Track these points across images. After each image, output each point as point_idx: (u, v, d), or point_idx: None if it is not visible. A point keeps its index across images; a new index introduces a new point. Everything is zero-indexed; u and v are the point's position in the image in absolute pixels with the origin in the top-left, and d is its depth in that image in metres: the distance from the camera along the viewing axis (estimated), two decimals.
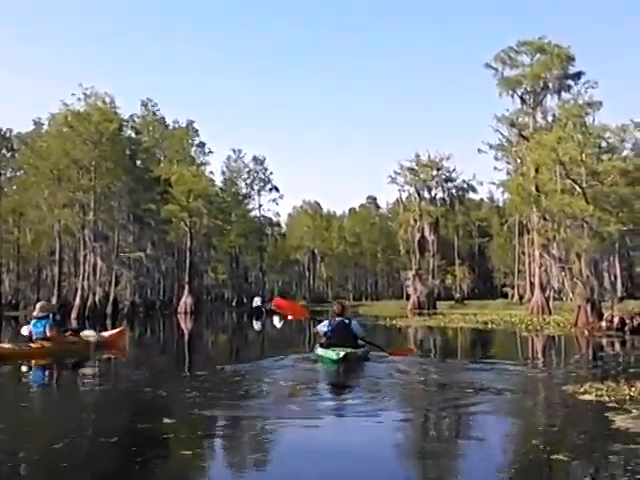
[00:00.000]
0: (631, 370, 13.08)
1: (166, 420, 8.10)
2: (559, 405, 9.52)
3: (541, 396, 10.27)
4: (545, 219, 32.70)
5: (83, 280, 50.49)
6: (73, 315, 47.16)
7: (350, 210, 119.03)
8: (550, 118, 40.80)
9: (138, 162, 59.27)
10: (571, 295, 27.19)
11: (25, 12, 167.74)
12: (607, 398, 9.28)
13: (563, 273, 27.52)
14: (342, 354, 13.53)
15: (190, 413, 8.62)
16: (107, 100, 52.81)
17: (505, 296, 77.52)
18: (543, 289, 39.49)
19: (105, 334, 20.29)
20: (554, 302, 39.68)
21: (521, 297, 59.75)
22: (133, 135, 60.26)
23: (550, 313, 37.55)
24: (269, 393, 10.61)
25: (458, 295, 73.68)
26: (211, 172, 76.37)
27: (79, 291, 50.22)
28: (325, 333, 14.71)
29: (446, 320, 34.75)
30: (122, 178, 52.73)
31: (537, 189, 35.38)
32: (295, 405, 9.23)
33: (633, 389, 9.88)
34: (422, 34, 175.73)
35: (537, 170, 35.72)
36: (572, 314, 27.41)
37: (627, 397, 9.35)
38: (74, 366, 15.46)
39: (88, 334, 18.88)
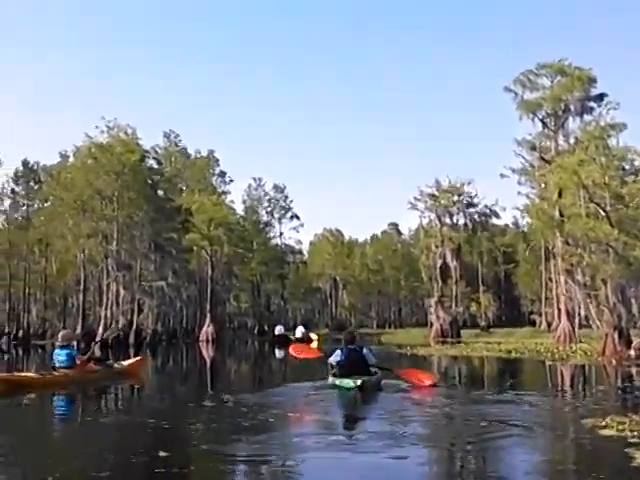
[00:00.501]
0: None
1: (162, 453, 7.82)
2: (578, 441, 9.01)
3: (560, 431, 9.74)
4: (569, 244, 32.12)
5: (106, 309, 50.66)
6: (97, 338, 46.98)
7: (372, 237, 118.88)
8: (572, 141, 40.14)
9: (160, 192, 59.58)
10: (597, 323, 26.49)
11: (55, 48, 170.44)
12: (629, 433, 8.78)
13: (589, 300, 26.84)
14: (359, 382, 13.59)
15: (190, 446, 8.48)
16: (129, 132, 53.82)
17: (533, 324, 76.50)
18: (569, 316, 38.65)
19: (125, 363, 20.34)
20: (582, 330, 38.92)
21: (549, 325, 58.66)
22: (155, 165, 60.53)
23: (578, 341, 36.73)
24: (280, 426, 10.19)
25: (483, 323, 72.89)
26: (231, 201, 77.10)
27: (102, 320, 50.23)
28: (338, 362, 14.69)
29: (468, 349, 34.09)
30: (144, 208, 52.90)
31: (561, 213, 34.90)
32: (308, 439, 8.82)
33: None
34: (440, 62, 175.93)
35: (560, 194, 35.23)
36: (599, 342, 26.69)
37: None
38: (94, 395, 15.51)
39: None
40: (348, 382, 13.82)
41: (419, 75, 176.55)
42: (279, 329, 62.10)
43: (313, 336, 59.70)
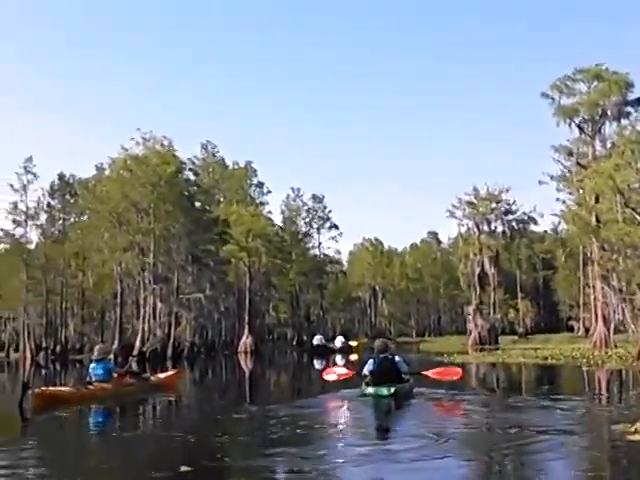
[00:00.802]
0: None
1: (184, 468, 7.75)
2: (606, 447, 8.95)
3: (590, 437, 9.63)
4: (604, 249, 31.71)
5: (143, 322, 50.78)
6: (135, 352, 47.47)
7: (411, 246, 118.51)
8: (609, 146, 39.64)
9: (197, 203, 59.87)
10: (633, 327, 26.13)
11: (94, 63, 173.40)
12: None
13: (624, 304, 26.48)
14: (393, 390, 13.77)
15: (215, 461, 8.29)
16: (165, 143, 53.84)
17: (571, 329, 75.70)
18: (605, 321, 38.08)
19: (162, 376, 20.46)
20: (618, 335, 38.42)
21: (587, 330, 57.91)
22: (191, 177, 60.95)
23: (613, 346, 36.25)
24: (312, 438, 10.03)
25: (521, 329, 72.22)
26: (269, 211, 77.23)
27: (139, 333, 50.44)
28: (371, 371, 14.78)
29: (505, 355, 33.93)
30: (180, 220, 52.97)
31: (597, 219, 34.49)
32: (341, 451, 8.78)
33: None
34: (480, 67, 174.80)
35: (597, 200, 34.83)
36: (635, 347, 26.33)
37: None
38: (129, 409, 15.61)
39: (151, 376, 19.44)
40: (381, 390, 13.95)
41: (465, 79, 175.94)
42: (318, 339, 62.26)
43: (352, 343, 59.77)
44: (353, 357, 38.18)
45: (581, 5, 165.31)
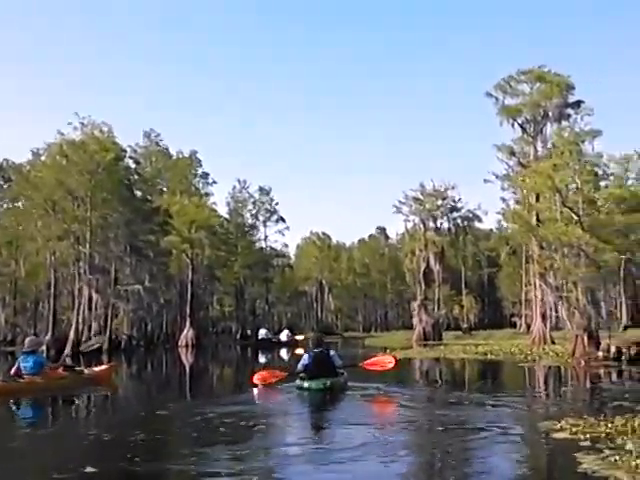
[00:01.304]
0: (617, 403, 12.57)
1: (89, 469, 7.47)
2: (531, 445, 9.09)
3: (515, 434, 9.69)
4: (543, 248, 32.28)
5: (78, 314, 49.55)
6: (67, 350, 46.24)
7: (359, 241, 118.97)
8: (550, 147, 40.28)
9: (137, 193, 59.07)
10: (569, 324, 26.67)
11: (29, 45, 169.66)
12: (581, 436, 8.83)
13: (560, 302, 27.01)
14: (328, 383, 14.22)
15: (125, 461, 7.97)
16: (104, 129, 52.51)
17: (514, 326, 76.75)
18: (543, 319, 38.92)
19: (96, 369, 20.16)
20: (559, 332, 39.23)
21: (528, 327, 58.88)
22: (132, 165, 60.04)
23: (552, 343, 37.02)
24: (242, 436, 9.76)
25: (465, 325, 72.99)
26: (214, 203, 76.47)
27: (74, 325, 49.01)
28: (306, 366, 15.04)
29: (447, 351, 34.29)
30: (119, 209, 52.03)
31: (538, 218, 35.12)
32: (271, 451, 8.70)
33: (611, 425, 9.40)
34: (425, 65, 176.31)
35: (538, 199, 35.44)
36: (571, 344, 26.85)
37: (603, 434, 8.89)
38: (59, 404, 15.37)
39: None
40: (317, 384, 14.32)
41: (412, 78, 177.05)
42: (263, 333, 62.27)
43: (298, 337, 59.83)
44: (299, 351, 38.35)
45: (527, 6, 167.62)
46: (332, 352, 15.55)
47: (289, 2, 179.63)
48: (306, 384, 14.54)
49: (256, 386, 16.00)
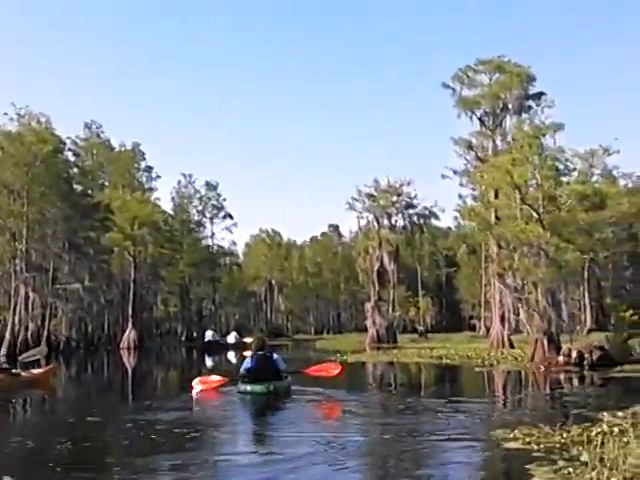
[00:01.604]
0: (576, 411, 12.56)
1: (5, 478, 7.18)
2: (481, 453, 8.99)
3: (465, 442, 9.59)
4: (501, 247, 32.40)
5: (15, 314, 48.64)
6: (3, 351, 45.50)
7: (311, 239, 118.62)
8: (510, 140, 40.27)
9: (77, 187, 58.17)
10: (528, 327, 26.76)
11: None
12: (534, 446, 8.69)
13: (519, 304, 27.08)
14: (272, 387, 14.38)
15: (47, 470, 7.73)
16: (42, 120, 51.54)
17: (473, 329, 77.33)
18: (502, 321, 39.12)
19: (34, 372, 20.16)
20: (518, 335, 39.50)
21: (488, 330, 59.41)
22: (72, 158, 59.11)
23: (511, 347, 37.21)
24: (185, 443, 9.53)
25: (421, 328, 73.18)
26: (158, 198, 75.60)
27: (9, 325, 48.27)
28: (248, 369, 15.11)
29: (400, 354, 34.39)
30: (57, 204, 51.12)
31: (497, 215, 35.26)
32: (210, 459, 8.41)
33: (566, 435, 9.30)
34: (381, 56, 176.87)
35: (497, 195, 35.56)
36: (530, 348, 26.96)
37: (557, 444, 8.76)
38: None
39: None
40: (259, 387, 14.44)
41: (361, 73, 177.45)
42: (210, 335, 61.74)
43: (247, 339, 59.50)
44: (247, 354, 38.11)
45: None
46: (276, 355, 15.73)
47: None
48: (249, 388, 14.65)
49: (196, 390, 15.85)
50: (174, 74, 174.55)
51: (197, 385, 16.29)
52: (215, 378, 16.90)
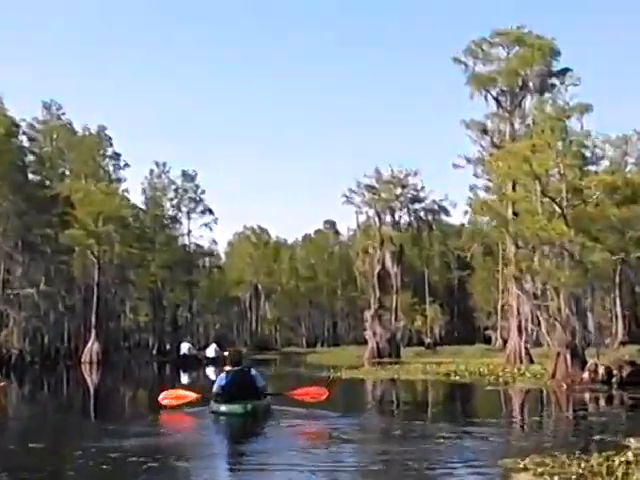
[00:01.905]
0: (599, 436, 12.41)
1: None
2: None
3: (468, 473, 9.51)
4: (518, 247, 32.31)
5: None
6: None
7: (304, 237, 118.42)
8: (530, 123, 40.04)
9: (32, 177, 57.91)
10: (548, 339, 26.67)
11: None
12: (547, 477, 8.53)
13: (539, 312, 26.98)
14: (249, 407, 14.22)
15: None
16: None
17: (488, 341, 77.44)
18: (520, 332, 39.03)
19: None
20: (538, 348, 39.48)
21: (505, 342, 59.47)
22: (27, 143, 58.86)
23: (530, 361, 37.18)
24: (147, 475, 9.34)
25: (429, 340, 73.41)
26: (125, 190, 75.21)
27: None
28: (222, 387, 14.99)
29: (402, 371, 34.33)
30: (9, 197, 50.98)
31: (515, 210, 35.10)
32: None
33: (584, 464, 9.11)
34: (379, 31, 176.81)
35: (514, 187, 35.43)
36: (551, 363, 26.90)
37: (574, 476, 8.57)
38: None
39: None
40: (236, 408, 14.32)
41: (362, 58, 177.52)
42: (186, 348, 61.73)
43: (227, 353, 59.40)
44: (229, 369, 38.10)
45: None
46: (254, 371, 15.58)
47: None
48: (223, 408, 14.57)
49: (164, 409, 15.80)
50: (147, 51, 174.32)
51: (165, 398, 16.26)
52: (184, 393, 16.85)
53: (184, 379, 36.99)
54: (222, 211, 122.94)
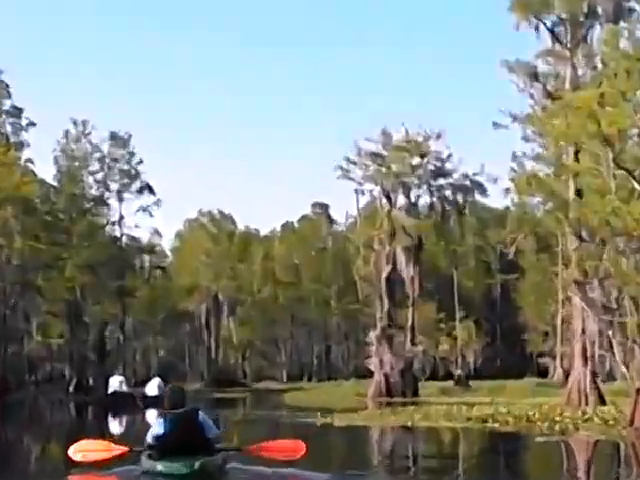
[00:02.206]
0: None
1: None
2: None
3: None
4: (582, 239, 32.31)
5: None
6: None
7: (283, 227, 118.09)
8: (598, 65, 39.95)
9: None
10: (624, 370, 26.69)
11: None
12: None
13: (610, 332, 26.99)
14: (197, 464, 13.10)
15: None
16: None
17: (544, 373, 77.73)
18: (586, 359, 39.06)
19: None
20: (611, 383, 39.60)
21: (567, 373, 59.58)
22: None
23: (600, 402, 37.23)
24: None
25: (459, 371, 73.37)
26: (29, 160, 75.27)
27: None
28: (159, 437, 14.48)
29: (420, 415, 34.25)
30: None
31: (578, 191, 35.02)
32: None
33: None
34: None
35: (577, 155, 35.46)
36: (630, 404, 26.98)
37: None
38: None
39: None
40: (177, 467, 13.25)
41: None
42: (117, 383, 61.71)
43: None
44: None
45: None
46: (202, 415, 15.24)
47: None
48: (159, 467, 13.46)
49: (76, 466, 15.80)
50: None
51: (76, 455, 16.22)
52: (106, 445, 16.80)
53: (114, 427, 37.07)
54: (168, 192, 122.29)
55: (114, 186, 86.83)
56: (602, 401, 37.29)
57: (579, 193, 34.69)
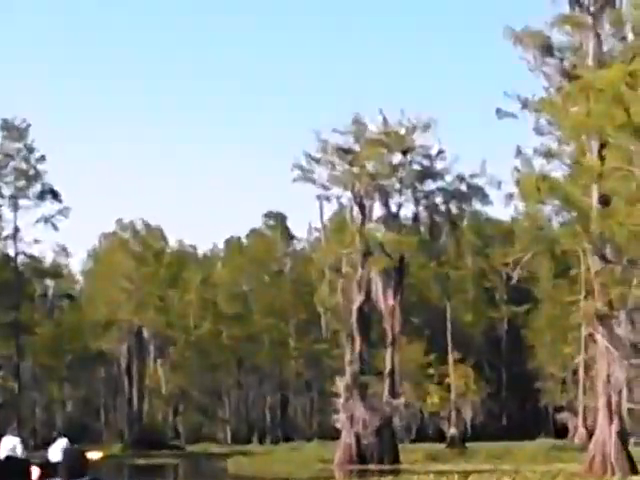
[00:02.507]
0: None
1: None
2: None
3: None
4: (606, 260, 32.32)
5: None
6: None
7: (227, 243, 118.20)
8: (627, 37, 40.05)
9: None
10: None
11: None
12: None
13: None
14: None
15: None
16: None
17: (562, 433, 77.99)
18: (612, 415, 39.06)
19: None
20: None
21: (590, 433, 59.87)
22: None
23: (632, 468, 37.23)
24: None
25: (452, 430, 73.60)
26: None
27: None
28: None
29: None
30: None
31: (603, 198, 34.99)
32: None
33: None
34: None
35: (601, 150, 35.52)
36: None
37: None
38: None
39: None
40: None
41: None
42: (9, 445, 61.12)
43: (92, 455, 59.18)
44: None
45: None
46: None
47: None
48: None
49: None
50: None
51: None
52: None
53: None
54: (78, 199, 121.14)
55: (7, 190, 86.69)
56: (633, 469, 37.33)
57: (603, 200, 34.67)
